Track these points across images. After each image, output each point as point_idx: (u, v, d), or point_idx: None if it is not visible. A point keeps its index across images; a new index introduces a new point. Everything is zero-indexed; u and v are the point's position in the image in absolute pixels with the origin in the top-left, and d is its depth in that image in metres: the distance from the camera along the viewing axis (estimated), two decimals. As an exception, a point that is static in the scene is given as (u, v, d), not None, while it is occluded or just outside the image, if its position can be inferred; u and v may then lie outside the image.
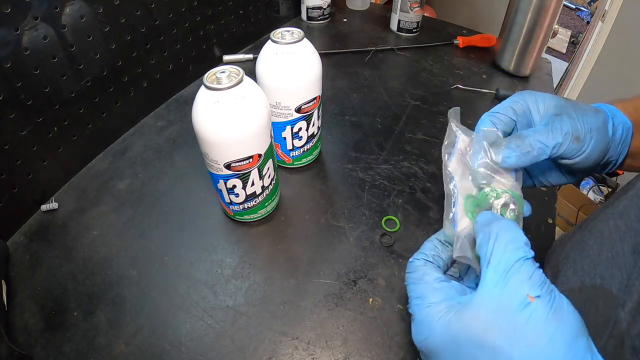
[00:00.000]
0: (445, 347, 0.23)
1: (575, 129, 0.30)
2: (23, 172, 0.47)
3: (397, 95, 0.70)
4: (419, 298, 0.26)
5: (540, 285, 0.22)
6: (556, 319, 0.21)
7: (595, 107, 0.34)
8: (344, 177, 0.54)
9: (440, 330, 0.23)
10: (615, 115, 0.33)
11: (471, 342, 0.22)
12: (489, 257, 0.24)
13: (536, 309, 0.21)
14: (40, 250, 0.45)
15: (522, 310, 0.21)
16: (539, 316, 0.21)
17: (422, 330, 0.25)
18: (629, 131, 0.33)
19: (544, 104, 0.33)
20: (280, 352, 0.37)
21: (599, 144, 0.31)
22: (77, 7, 0.47)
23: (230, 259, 0.44)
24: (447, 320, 0.23)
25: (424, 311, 0.25)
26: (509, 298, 0.22)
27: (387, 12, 0.93)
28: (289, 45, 0.43)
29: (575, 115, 0.31)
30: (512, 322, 0.21)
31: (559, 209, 1.52)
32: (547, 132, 0.30)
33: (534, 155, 0.30)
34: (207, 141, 0.38)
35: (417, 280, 0.27)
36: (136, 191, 0.52)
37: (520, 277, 0.22)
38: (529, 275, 0.22)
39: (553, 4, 0.66)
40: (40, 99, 0.46)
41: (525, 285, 0.22)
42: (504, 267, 0.23)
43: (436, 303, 0.25)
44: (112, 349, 0.36)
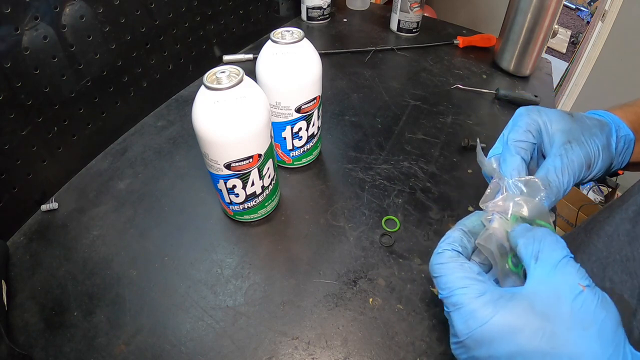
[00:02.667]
0: (503, 334, 0.24)
1: (587, 156, 0.31)
2: (23, 172, 0.47)
3: (397, 95, 0.70)
4: (464, 288, 0.26)
5: (587, 277, 0.24)
6: (604, 307, 0.23)
7: (600, 120, 0.34)
8: (344, 177, 0.54)
9: (498, 317, 0.24)
10: (619, 128, 0.34)
11: (530, 328, 0.23)
12: (536, 254, 0.25)
13: (587, 297, 0.23)
14: (40, 250, 0.45)
15: (576, 298, 0.23)
16: (590, 303, 0.23)
17: (477, 319, 0.24)
18: (630, 143, 0.34)
19: (552, 126, 0.33)
20: (280, 352, 0.37)
21: (605, 161, 0.32)
22: (77, 7, 0.47)
23: (230, 259, 0.44)
24: (503, 306, 0.24)
25: (476, 300, 0.25)
26: (562, 286, 0.23)
27: (387, 12, 0.94)
28: (289, 45, 0.43)
29: (585, 140, 0.32)
30: (569, 307, 0.23)
31: (559, 209, 1.52)
32: (565, 170, 0.31)
33: (559, 197, 0.31)
34: (207, 141, 0.38)
35: (455, 270, 0.27)
36: (136, 191, 0.52)
37: (570, 270, 0.24)
38: (577, 269, 0.24)
39: (553, 4, 0.66)
40: (40, 99, 0.46)
41: (576, 276, 0.24)
42: (553, 262, 0.24)
43: (487, 292, 0.25)
44: (112, 349, 0.36)
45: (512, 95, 0.68)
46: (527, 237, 0.26)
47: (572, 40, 2.46)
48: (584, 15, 2.65)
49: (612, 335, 0.22)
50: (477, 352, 0.25)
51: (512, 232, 0.28)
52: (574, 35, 2.49)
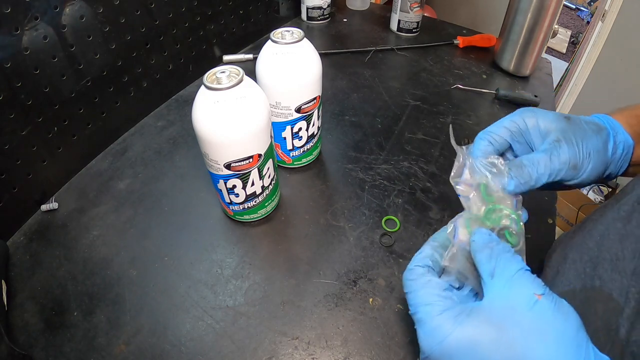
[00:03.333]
0: (462, 348, 0.24)
1: (573, 157, 0.31)
2: (23, 172, 0.47)
3: (397, 95, 0.70)
4: (429, 305, 0.27)
5: (542, 286, 0.25)
6: (562, 312, 0.24)
7: (597, 124, 0.34)
8: (344, 177, 0.54)
9: (457, 333, 0.24)
10: (617, 133, 0.34)
11: (488, 339, 0.24)
12: (492, 271, 0.26)
13: (543, 305, 0.24)
14: (40, 250, 0.45)
15: (532, 307, 0.24)
16: (547, 310, 0.23)
17: (437, 335, 0.25)
18: (629, 149, 0.34)
19: (545, 126, 0.33)
20: (280, 352, 0.37)
21: (597, 165, 0.32)
22: (77, 7, 0.47)
23: (230, 259, 0.44)
24: (462, 321, 0.25)
25: (437, 317, 0.26)
26: (518, 297, 0.24)
27: (387, 12, 0.94)
28: (289, 45, 0.43)
29: (575, 141, 0.32)
30: (525, 317, 0.23)
31: (559, 209, 1.52)
32: (546, 161, 0.31)
33: (531, 184, 0.31)
34: (207, 141, 0.38)
35: (422, 287, 0.28)
36: (136, 191, 0.52)
37: (525, 280, 0.25)
38: (532, 279, 0.25)
39: (553, 4, 0.66)
40: (40, 99, 0.46)
41: (531, 286, 0.24)
42: (508, 275, 0.25)
43: (449, 309, 0.26)
44: (112, 349, 0.36)
45: (512, 95, 0.68)
46: (484, 254, 0.27)
47: (572, 40, 2.46)
48: (584, 15, 2.65)
49: (572, 338, 0.23)
50: None
51: (472, 245, 0.29)
52: (574, 35, 2.49)
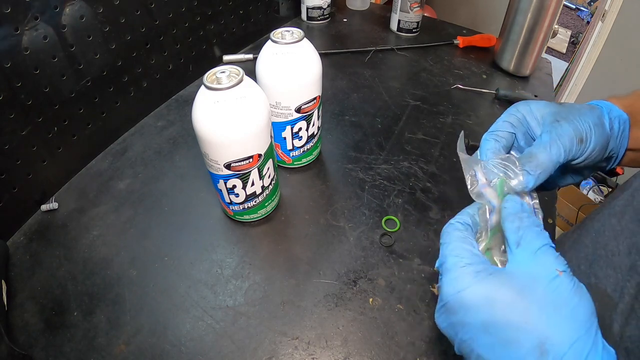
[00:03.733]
0: (478, 303, 0.25)
1: (577, 131, 0.31)
2: (23, 172, 0.47)
3: (397, 95, 0.70)
4: (457, 257, 0.27)
5: (565, 264, 0.25)
6: (578, 294, 0.24)
7: (589, 105, 0.34)
8: (344, 177, 0.54)
9: (476, 287, 0.25)
10: (610, 110, 0.34)
11: (504, 301, 0.24)
12: (519, 240, 0.26)
13: (563, 282, 0.24)
14: (40, 250, 0.45)
15: (551, 281, 0.24)
16: (565, 288, 0.24)
17: (457, 284, 0.26)
18: (625, 123, 0.34)
19: (540, 111, 0.34)
20: (280, 352, 0.37)
21: (599, 138, 0.32)
22: (77, 7, 0.47)
23: (230, 259, 0.44)
24: (482, 278, 0.25)
25: (461, 268, 0.26)
26: (540, 269, 0.25)
27: (387, 12, 0.94)
28: (289, 45, 0.43)
29: (573, 117, 0.32)
30: (544, 288, 0.24)
31: (559, 209, 1.52)
32: (555, 141, 0.31)
33: (549, 171, 0.31)
34: (207, 141, 0.38)
35: (455, 240, 0.28)
36: (136, 191, 0.52)
37: (550, 256, 0.25)
38: (556, 256, 0.25)
39: (553, 4, 0.66)
40: (40, 99, 0.46)
41: (554, 262, 0.25)
42: (534, 247, 0.26)
43: (474, 264, 0.26)
44: (112, 349, 0.36)
45: (512, 95, 0.68)
46: (514, 223, 0.28)
47: (572, 40, 2.46)
48: (584, 15, 2.65)
49: (584, 321, 0.23)
50: (455, 318, 0.26)
51: (503, 211, 0.29)
52: (574, 35, 2.49)
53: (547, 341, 0.23)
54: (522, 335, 0.23)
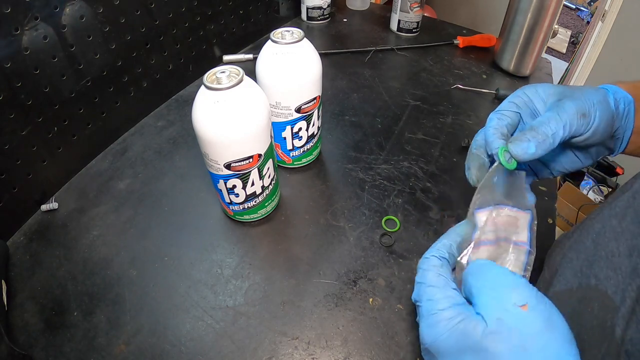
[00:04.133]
0: (450, 351, 0.26)
1: (580, 106, 0.32)
2: (23, 172, 0.47)
3: (397, 95, 0.70)
4: (430, 301, 0.28)
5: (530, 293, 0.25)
6: (548, 326, 0.24)
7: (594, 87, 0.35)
8: (344, 177, 0.54)
9: (447, 336, 0.26)
10: (616, 92, 0.34)
11: (472, 349, 0.25)
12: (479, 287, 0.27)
13: (527, 318, 0.24)
14: (40, 250, 0.45)
15: (518, 320, 0.24)
16: (532, 324, 0.24)
17: (432, 332, 0.27)
18: (630, 104, 0.34)
19: (545, 92, 0.34)
20: (280, 352, 0.37)
21: (604, 115, 0.32)
22: (77, 7, 0.47)
23: (230, 259, 0.44)
24: (453, 327, 0.26)
25: (433, 316, 0.27)
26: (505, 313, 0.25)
27: (387, 12, 0.94)
28: (289, 45, 0.43)
29: (577, 95, 0.32)
30: (509, 331, 0.24)
31: (559, 209, 1.52)
32: (556, 115, 0.31)
33: (550, 142, 0.31)
34: (207, 141, 0.38)
35: (431, 282, 0.29)
36: (136, 191, 0.52)
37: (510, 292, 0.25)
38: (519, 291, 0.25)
39: (553, 4, 0.66)
40: (40, 99, 0.46)
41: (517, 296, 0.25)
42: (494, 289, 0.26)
43: (445, 309, 0.27)
44: (112, 349, 0.36)
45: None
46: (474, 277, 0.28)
47: (572, 40, 2.46)
48: (584, 15, 2.65)
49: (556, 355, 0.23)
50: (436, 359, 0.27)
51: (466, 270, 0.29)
52: (574, 35, 2.49)
53: None
54: None
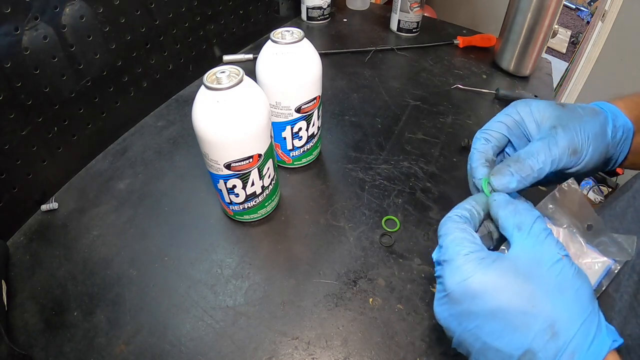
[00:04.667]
0: (485, 290, 0.25)
1: (572, 142, 0.31)
2: (23, 172, 0.47)
3: (397, 95, 0.70)
4: (459, 245, 0.27)
5: (564, 249, 0.25)
6: (580, 277, 0.24)
7: (594, 108, 0.33)
8: (344, 177, 0.54)
9: (481, 274, 0.25)
10: (616, 117, 0.33)
11: (511, 287, 0.24)
12: (518, 224, 0.27)
13: (565, 265, 0.24)
14: (40, 250, 0.45)
15: (555, 264, 0.24)
16: (568, 271, 0.24)
17: (461, 273, 0.25)
18: (629, 132, 0.33)
19: (540, 113, 0.33)
20: (280, 352, 0.37)
21: (597, 149, 0.31)
22: (77, 7, 0.47)
23: (230, 259, 0.44)
24: (487, 265, 0.25)
25: (464, 256, 0.26)
26: (544, 254, 0.25)
27: (387, 12, 0.93)
28: (289, 45, 0.43)
29: (572, 126, 0.31)
30: (548, 272, 0.24)
31: (559, 209, 1.51)
32: (545, 149, 0.30)
33: (534, 177, 0.31)
34: (207, 141, 0.38)
35: (455, 231, 0.28)
36: (136, 191, 0.52)
37: (551, 240, 0.26)
38: (556, 241, 0.26)
39: (553, 4, 0.66)
40: (40, 99, 0.46)
41: (555, 247, 0.25)
42: (535, 233, 0.26)
43: (477, 252, 0.26)
44: (112, 349, 0.36)
45: (512, 95, 0.68)
46: (508, 209, 0.28)
47: (572, 40, 2.46)
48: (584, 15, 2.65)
49: (588, 302, 0.24)
50: (459, 308, 0.26)
51: (493, 204, 0.29)
52: (574, 35, 2.49)
53: (556, 323, 0.23)
54: (531, 319, 0.23)
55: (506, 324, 0.24)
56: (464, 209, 0.30)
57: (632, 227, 0.30)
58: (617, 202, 0.33)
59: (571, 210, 0.33)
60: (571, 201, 0.33)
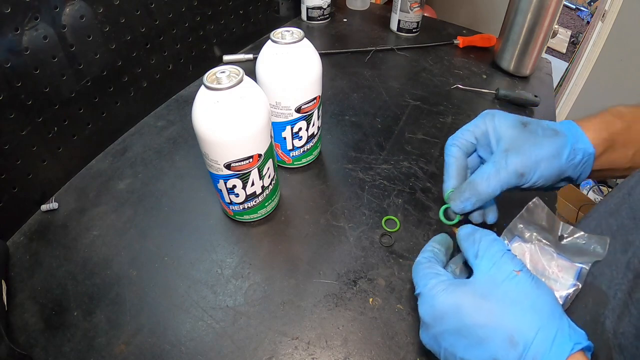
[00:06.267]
0: (448, 310, 0.28)
1: (520, 166, 0.34)
2: (23, 172, 0.47)
3: (397, 95, 0.70)
4: (424, 279, 0.30)
5: (521, 264, 0.28)
6: (538, 287, 0.27)
7: (555, 130, 0.35)
8: (344, 177, 0.54)
9: (444, 297, 0.28)
10: (577, 140, 0.35)
11: (470, 305, 0.27)
12: (476, 252, 0.30)
13: (520, 280, 0.27)
14: (40, 250, 0.45)
15: (510, 280, 0.27)
16: (524, 284, 0.27)
17: (428, 301, 0.29)
18: (590, 157, 0.35)
19: (501, 130, 0.36)
20: (280, 352, 0.37)
21: (548, 170, 0.34)
22: (77, 7, 0.47)
23: (230, 259, 0.44)
24: (448, 289, 0.29)
25: (429, 288, 0.29)
26: (500, 273, 0.28)
27: (387, 12, 0.93)
28: (289, 45, 0.43)
29: (524, 149, 0.34)
30: (503, 288, 0.27)
31: (559, 209, 1.52)
32: (495, 174, 0.34)
33: (485, 199, 0.35)
34: (207, 141, 0.38)
35: (422, 270, 0.32)
36: (136, 191, 0.52)
37: (506, 259, 0.28)
38: (512, 258, 0.28)
39: (553, 4, 0.66)
40: (40, 99, 0.46)
41: (510, 264, 0.28)
42: (490, 255, 0.29)
43: (440, 282, 0.29)
44: (112, 349, 0.36)
45: (512, 95, 0.68)
46: (469, 242, 0.31)
47: (572, 40, 2.46)
48: (584, 15, 2.65)
49: (545, 309, 0.26)
50: (433, 330, 0.29)
51: (458, 237, 0.33)
52: (574, 35, 2.49)
53: (515, 333, 0.25)
54: (491, 332, 0.26)
55: (472, 338, 0.27)
56: (427, 252, 0.34)
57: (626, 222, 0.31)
58: (612, 199, 0.34)
59: (541, 225, 0.36)
60: (539, 217, 0.36)
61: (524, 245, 0.36)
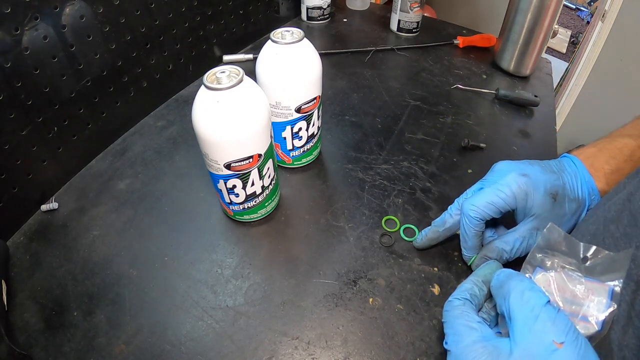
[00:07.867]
0: None
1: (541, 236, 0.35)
2: (23, 172, 0.47)
3: (397, 95, 0.70)
4: (456, 335, 0.28)
5: (565, 331, 0.23)
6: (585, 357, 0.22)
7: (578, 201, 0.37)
8: (344, 177, 0.54)
9: None
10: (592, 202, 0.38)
11: None
12: (509, 313, 0.26)
13: (563, 356, 0.22)
14: (40, 250, 0.45)
15: (548, 357, 0.22)
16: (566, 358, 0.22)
17: None
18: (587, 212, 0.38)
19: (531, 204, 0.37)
20: (280, 352, 0.37)
21: None
22: (77, 7, 0.47)
23: (230, 259, 0.44)
24: None
25: (460, 349, 0.27)
26: (537, 346, 0.23)
27: (387, 12, 0.94)
28: (289, 45, 0.43)
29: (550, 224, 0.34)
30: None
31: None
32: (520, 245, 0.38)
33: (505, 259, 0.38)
34: (207, 141, 0.38)
35: (455, 318, 0.29)
36: (136, 191, 0.52)
37: (543, 324, 0.24)
38: (552, 321, 0.24)
39: (553, 4, 0.66)
40: (40, 99, 0.46)
41: (550, 332, 0.23)
42: (524, 318, 0.25)
43: (472, 343, 0.26)
44: (112, 349, 0.36)
45: (512, 95, 0.68)
46: (499, 296, 0.28)
47: (572, 40, 2.46)
48: (584, 15, 2.65)
49: None
50: None
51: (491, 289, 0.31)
52: (574, 35, 2.49)
53: None
54: None
55: None
56: (464, 291, 0.31)
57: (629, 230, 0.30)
58: (611, 203, 0.33)
59: (560, 251, 0.34)
60: (557, 243, 0.34)
61: (547, 275, 0.33)
